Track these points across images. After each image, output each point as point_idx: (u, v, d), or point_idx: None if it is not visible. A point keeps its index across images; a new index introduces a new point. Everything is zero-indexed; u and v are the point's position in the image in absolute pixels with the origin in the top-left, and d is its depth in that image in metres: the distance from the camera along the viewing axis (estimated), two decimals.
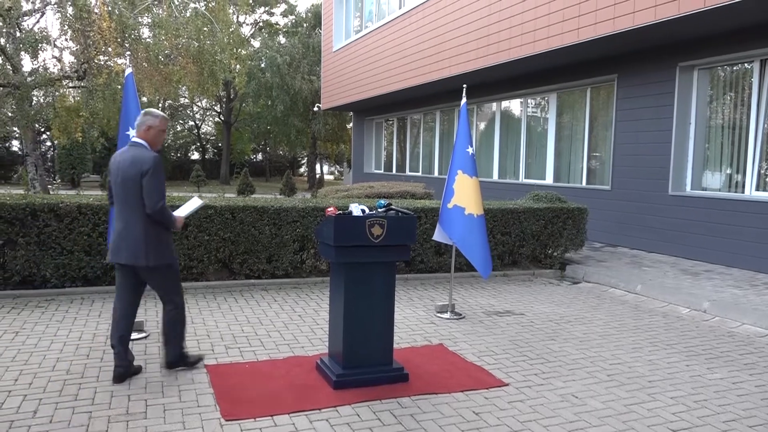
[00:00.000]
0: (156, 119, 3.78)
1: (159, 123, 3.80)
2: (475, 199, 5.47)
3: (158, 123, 3.79)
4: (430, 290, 6.80)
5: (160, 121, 3.79)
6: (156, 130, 3.80)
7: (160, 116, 3.80)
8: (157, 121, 3.79)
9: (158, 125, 3.80)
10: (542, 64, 10.74)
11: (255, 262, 6.56)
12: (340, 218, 3.72)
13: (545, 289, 7.14)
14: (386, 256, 3.82)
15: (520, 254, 7.92)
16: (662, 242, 9.12)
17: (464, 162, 5.56)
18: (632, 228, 9.62)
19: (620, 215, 9.83)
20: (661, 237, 9.13)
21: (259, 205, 6.58)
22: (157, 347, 4.44)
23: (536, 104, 12.58)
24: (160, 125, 3.80)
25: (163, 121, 3.81)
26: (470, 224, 5.40)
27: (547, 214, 7.91)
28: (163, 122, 3.81)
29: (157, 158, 3.68)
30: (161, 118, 3.81)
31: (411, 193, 10.45)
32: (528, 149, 12.39)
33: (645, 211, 9.39)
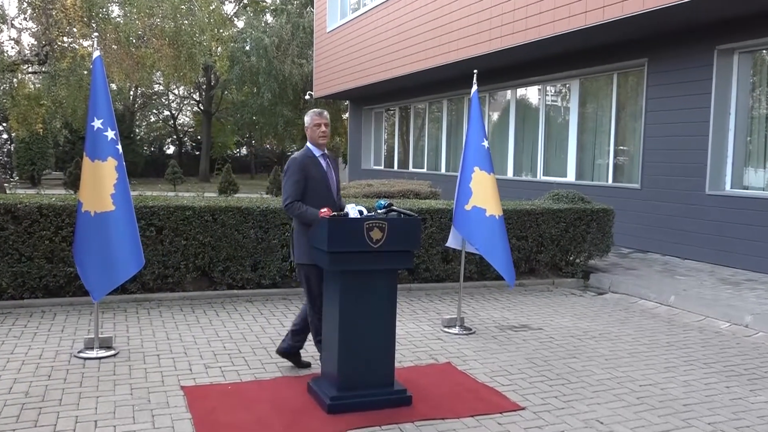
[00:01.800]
0: (307, 117, 4.34)
1: (308, 120, 4.32)
2: (495, 199, 5.48)
3: (307, 120, 4.33)
4: (436, 302, 6.81)
5: (310, 118, 4.32)
6: (308, 128, 4.31)
7: (310, 113, 4.34)
8: (307, 119, 4.34)
9: (308, 122, 4.32)
10: (563, 47, 10.76)
11: (238, 270, 6.56)
12: (334, 221, 3.73)
13: (566, 300, 7.14)
14: (387, 263, 3.82)
15: (538, 261, 7.93)
16: (698, 247, 9.13)
17: (480, 157, 5.57)
18: (664, 231, 9.63)
19: (651, 217, 9.84)
20: (698, 242, 9.14)
21: (243, 205, 6.58)
22: (128, 366, 4.44)
23: (556, 92, 12.60)
24: (310, 121, 4.31)
25: (313, 116, 4.31)
26: (493, 227, 5.41)
27: (568, 216, 7.92)
28: (313, 117, 4.31)
29: (293, 158, 4.27)
30: (311, 115, 4.32)
31: (415, 192, 10.46)
32: (547, 143, 12.41)
33: (679, 213, 9.40)
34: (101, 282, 4.61)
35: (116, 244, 4.60)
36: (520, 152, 13.20)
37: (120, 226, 4.62)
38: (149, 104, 36.83)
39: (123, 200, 4.66)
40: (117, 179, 4.65)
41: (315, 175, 4.23)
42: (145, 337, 5.14)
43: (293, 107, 29.29)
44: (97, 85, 4.71)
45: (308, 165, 4.24)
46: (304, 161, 4.25)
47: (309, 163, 4.26)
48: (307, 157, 4.28)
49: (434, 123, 16.82)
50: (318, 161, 4.28)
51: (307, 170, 4.23)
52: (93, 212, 4.58)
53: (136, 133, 34.81)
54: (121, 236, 4.62)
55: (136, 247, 4.68)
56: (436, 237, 7.20)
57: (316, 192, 4.23)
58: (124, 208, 4.65)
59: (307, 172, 4.22)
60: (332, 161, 4.40)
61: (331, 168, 4.34)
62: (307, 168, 4.23)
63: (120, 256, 4.61)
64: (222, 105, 35.78)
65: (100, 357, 4.61)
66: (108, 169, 4.64)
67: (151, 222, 6.21)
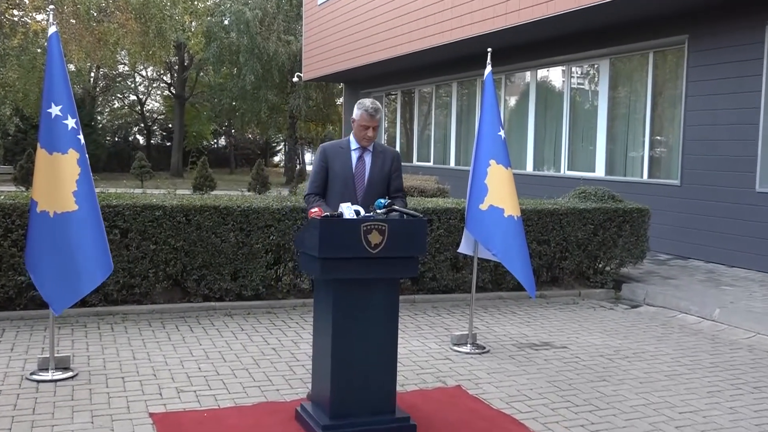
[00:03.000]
0: (356, 109, 4.34)
1: (357, 114, 4.33)
2: (513, 197, 5.50)
3: (356, 114, 4.34)
4: (444, 316, 6.81)
5: (359, 113, 4.32)
6: (354, 121, 4.35)
7: (361, 106, 4.31)
8: (356, 112, 4.34)
9: (356, 116, 4.34)
10: (591, 21, 10.78)
11: (216, 279, 6.57)
12: (326, 222, 3.73)
13: (595, 314, 7.14)
14: (387, 271, 3.83)
15: (562, 269, 7.93)
16: (747, 253, 9.14)
17: (496, 149, 5.58)
18: (708, 235, 9.64)
19: (692, 218, 9.85)
20: (746, 246, 9.15)
21: (221, 204, 6.59)
22: (88, 390, 4.45)
23: (583, 74, 12.61)
24: (359, 118, 4.32)
25: (363, 114, 4.28)
26: (511, 230, 5.42)
27: (597, 217, 7.93)
28: (363, 116, 4.28)
29: (321, 145, 4.44)
30: (361, 110, 4.30)
31: (420, 189, 10.48)
32: (572, 132, 12.43)
33: (725, 213, 9.41)
34: (63, 292, 4.59)
35: (80, 249, 4.58)
36: (541, 143, 13.21)
37: (85, 229, 4.60)
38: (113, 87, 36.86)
39: (87, 199, 4.65)
40: (80, 174, 4.64)
41: (337, 166, 4.33)
42: (108, 357, 5.14)
43: (279, 91, 29.30)
44: (54, 66, 4.71)
45: (334, 155, 4.36)
46: (330, 150, 4.39)
47: (336, 152, 4.37)
48: (337, 147, 4.40)
49: (442, 109, 16.83)
50: (348, 153, 4.37)
51: (329, 160, 4.35)
52: (52, 212, 4.57)
53: (97, 121, 34.88)
54: (86, 240, 4.60)
55: (104, 252, 4.68)
56: (444, 241, 7.20)
57: (333, 186, 4.35)
58: (88, 208, 4.64)
59: (329, 162, 4.35)
60: (379, 156, 4.42)
61: (368, 163, 4.37)
62: (331, 158, 4.36)
63: (85, 263, 4.59)
64: (197, 88, 35.78)
65: (56, 379, 4.60)
66: (69, 162, 4.63)
67: (114, 223, 6.21)
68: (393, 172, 4.49)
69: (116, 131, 38.72)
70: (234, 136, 40.78)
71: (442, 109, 16.78)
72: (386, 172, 4.44)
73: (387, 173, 4.45)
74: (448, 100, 16.30)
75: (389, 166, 4.46)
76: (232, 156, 40.46)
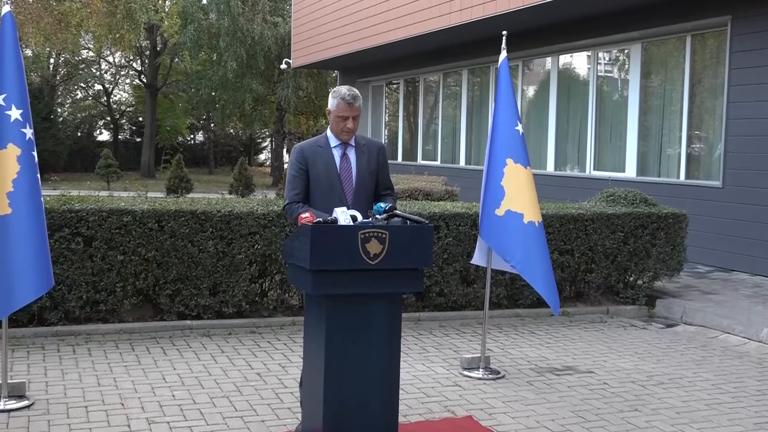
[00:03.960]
0: (331, 98, 4.30)
1: (332, 104, 4.28)
2: (533, 201, 5.49)
3: (331, 103, 4.29)
4: (453, 336, 6.80)
5: (335, 102, 4.27)
6: (331, 113, 4.30)
7: (337, 95, 4.27)
8: (331, 102, 4.29)
9: (331, 106, 4.29)
10: (620, 1, 10.79)
11: (193, 294, 6.56)
12: (319, 229, 3.73)
13: (625, 334, 7.13)
14: (388, 285, 3.83)
15: (588, 283, 7.92)
16: None
17: (513, 146, 5.58)
18: (754, 244, 9.63)
19: (737, 225, 9.84)
20: None
21: (199, 209, 6.59)
22: (46, 421, 4.43)
23: (611, 60, 12.62)
24: (335, 107, 4.26)
25: (340, 102, 4.24)
26: (532, 238, 5.42)
27: (627, 224, 7.92)
28: (339, 105, 4.24)
29: (296, 146, 4.38)
30: (337, 98, 4.25)
31: (425, 192, 10.49)
32: (599, 126, 12.43)
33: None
34: None
35: (13, 259, 4.54)
36: (563, 139, 13.22)
37: (19, 236, 4.56)
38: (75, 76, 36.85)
39: (27, 201, 4.60)
40: (19, 173, 4.59)
41: (319, 168, 4.27)
42: (69, 383, 5.12)
43: (265, 79, 29.33)
44: (5, 49, 4.70)
45: (313, 155, 4.30)
46: (307, 149, 4.33)
47: (315, 152, 4.31)
48: (315, 146, 4.35)
49: (450, 100, 16.83)
50: (329, 151, 4.31)
51: (309, 162, 4.29)
52: None
53: (57, 114, 34.88)
54: (20, 248, 4.55)
55: (42, 265, 4.63)
56: (453, 251, 7.20)
57: (316, 191, 4.28)
58: (26, 212, 4.59)
59: (308, 165, 4.29)
60: (364, 151, 4.37)
61: (353, 160, 4.33)
62: (311, 159, 4.29)
63: (18, 275, 4.55)
64: (171, 77, 35.79)
65: (10, 409, 4.59)
66: (6, 159, 4.59)
67: (77, 231, 6.20)
68: (380, 167, 4.45)
69: (79, 125, 38.70)
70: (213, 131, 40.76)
71: (451, 101, 16.79)
72: (374, 167, 4.39)
73: (375, 169, 4.40)
74: (458, 90, 16.31)
75: (376, 161, 4.41)
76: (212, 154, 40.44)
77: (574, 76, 13.28)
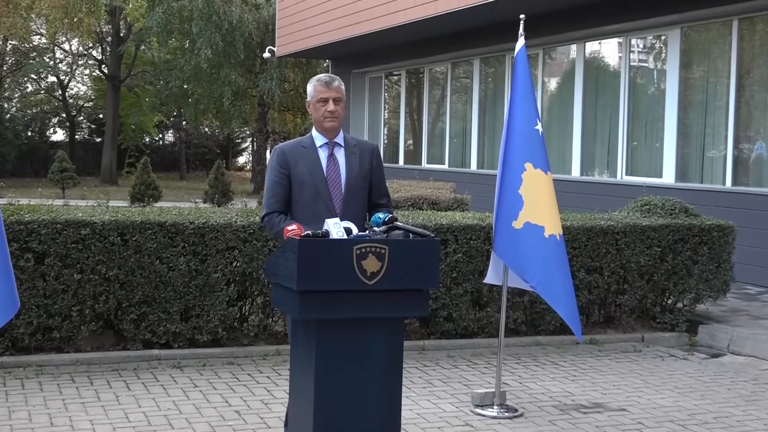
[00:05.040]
0: (309, 86, 4.39)
1: (310, 91, 4.37)
2: (554, 211, 5.50)
3: (309, 91, 4.38)
4: (463, 367, 6.79)
5: (312, 88, 4.37)
6: (310, 104, 4.38)
7: (313, 81, 4.38)
8: (309, 89, 4.39)
9: (310, 94, 4.38)
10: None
11: (161, 319, 6.55)
12: (308, 244, 3.73)
13: (663, 366, 7.12)
14: (388, 308, 3.83)
15: (620, 306, 7.91)
16: None
17: (532, 148, 5.59)
18: None
19: None
20: None
21: (168, 220, 6.59)
22: None
23: (646, 48, 12.65)
24: (312, 93, 4.35)
25: (317, 85, 4.34)
26: (553, 253, 5.43)
27: (665, 237, 7.93)
28: (317, 87, 4.33)
29: (275, 148, 4.44)
30: (313, 83, 4.36)
31: (431, 200, 10.48)
32: (632, 124, 12.44)
33: None
34: None
35: None
36: (590, 139, 13.23)
37: None
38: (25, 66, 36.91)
39: None
40: None
41: (302, 171, 4.27)
42: (17, 423, 5.10)
43: (245, 70, 29.40)
44: None
45: (295, 157, 4.30)
46: (289, 151, 4.33)
47: (298, 154, 4.31)
48: (298, 147, 4.36)
49: (460, 95, 16.87)
50: (314, 152, 4.31)
51: (290, 165, 4.29)
52: None
53: (4, 110, 34.91)
54: None
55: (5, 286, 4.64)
56: (463, 268, 7.20)
57: (299, 198, 4.28)
58: None
59: (290, 168, 4.28)
60: (354, 151, 4.38)
61: (342, 162, 4.33)
62: (293, 161, 4.29)
63: None
64: (136, 67, 35.88)
65: None
66: None
67: (27, 246, 6.20)
68: (374, 170, 4.45)
69: (29, 123, 38.73)
70: (185, 129, 40.81)
71: (461, 94, 16.82)
72: (366, 171, 4.40)
73: (367, 172, 4.40)
74: (469, 83, 16.34)
75: (368, 163, 4.42)
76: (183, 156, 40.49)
77: (603, 66, 13.31)
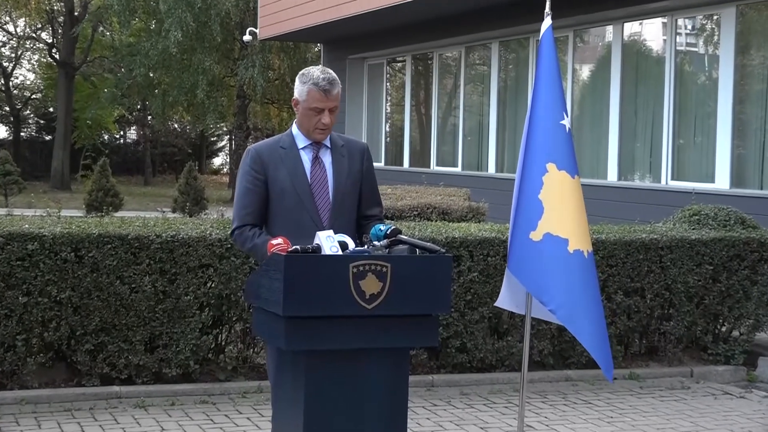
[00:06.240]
0: (299, 84, 4.34)
1: (302, 91, 4.31)
2: (582, 222, 5.48)
3: (300, 91, 4.32)
4: (479, 407, 6.77)
5: (305, 89, 4.29)
6: (299, 104, 4.34)
7: (305, 78, 4.30)
8: (300, 88, 4.32)
9: (300, 95, 4.32)
10: None
11: (122, 349, 6.54)
12: (296, 261, 3.74)
13: (716, 405, 7.10)
14: (390, 337, 3.82)
15: (664, 334, 7.90)
16: None
17: (556, 146, 5.57)
18: None
19: None
20: None
21: (130, 233, 6.59)
22: None
23: (695, 29, 12.65)
24: (305, 95, 4.29)
25: (311, 89, 4.26)
26: (578, 272, 5.40)
27: (718, 253, 7.92)
28: (311, 91, 4.26)
29: (248, 149, 4.44)
30: (308, 84, 4.28)
31: (442, 210, 10.46)
32: (678, 120, 12.43)
33: None
34: None
35: None
36: (629, 137, 13.22)
37: None
38: None
39: None
40: None
41: (282, 176, 4.26)
42: None
43: (222, 56, 29.46)
44: None
45: (274, 160, 4.29)
46: (266, 152, 4.31)
47: (277, 156, 4.30)
48: (276, 147, 4.34)
49: (475, 84, 16.87)
50: (295, 154, 4.31)
51: (268, 168, 4.27)
52: None
53: None
54: None
55: None
56: (479, 290, 7.20)
57: (278, 209, 4.27)
58: None
59: (267, 172, 4.27)
60: (343, 153, 4.38)
61: (329, 165, 4.33)
62: (271, 164, 4.27)
63: None
64: (93, 52, 35.92)
65: None
66: None
67: None
68: (365, 175, 4.44)
69: None
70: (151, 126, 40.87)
71: (476, 84, 16.83)
72: (356, 176, 4.39)
73: (357, 178, 4.40)
74: (486, 71, 16.34)
75: (359, 167, 4.42)
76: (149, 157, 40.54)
77: (645, 51, 13.31)
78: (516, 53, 15.71)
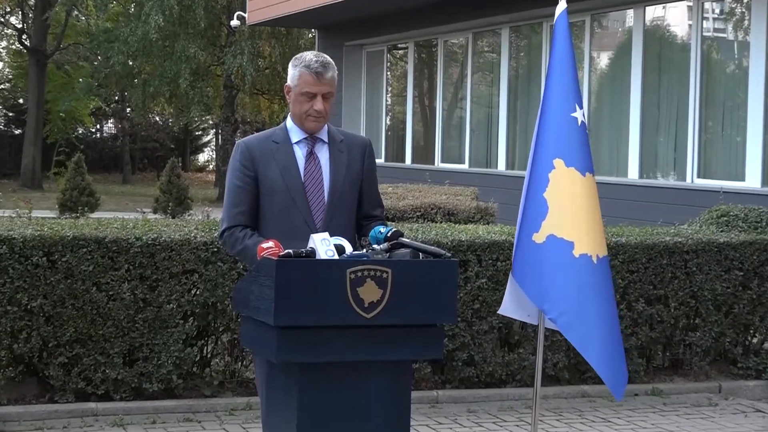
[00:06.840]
0: (292, 68, 4.34)
1: (294, 76, 4.31)
2: (591, 224, 5.46)
3: (292, 76, 4.32)
4: (488, 425, 6.79)
5: (297, 73, 4.29)
6: (291, 91, 4.34)
7: (298, 62, 4.32)
8: (292, 73, 4.32)
9: (292, 80, 4.32)
10: None
11: (99, 362, 6.55)
12: (288, 266, 3.73)
13: (746, 423, 7.11)
14: (391, 349, 3.82)
15: (690, 346, 7.91)
16: None
17: (566, 140, 5.56)
18: None
19: None
20: None
21: (108, 236, 6.59)
22: None
23: (724, 13, 12.66)
24: (297, 80, 4.29)
25: (303, 72, 4.26)
26: (584, 279, 5.39)
27: (748, 258, 7.93)
28: (303, 75, 4.26)
29: (238, 144, 4.45)
30: (299, 67, 4.29)
31: (447, 210, 10.48)
32: (705, 113, 12.44)
33: None
34: None
35: None
36: (652, 132, 13.22)
37: None
38: None
39: None
40: None
41: (274, 173, 4.26)
42: None
43: (208, 43, 29.50)
44: None
45: (265, 155, 4.28)
46: (256, 147, 4.31)
47: (268, 151, 4.29)
48: (268, 142, 4.34)
49: (483, 74, 16.90)
50: (288, 149, 4.30)
51: (258, 165, 4.26)
52: None
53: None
54: None
55: None
56: (488, 298, 7.20)
57: (269, 208, 4.26)
58: None
59: (258, 169, 4.26)
60: (341, 148, 4.37)
61: (325, 163, 4.32)
62: (261, 160, 4.27)
63: None
64: (67, 38, 35.95)
65: None
66: None
67: None
68: (365, 173, 4.43)
69: None
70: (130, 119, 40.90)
71: (484, 74, 16.86)
72: (355, 174, 4.38)
73: (357, 176, 4.38)
74: (495, 59, 16.37)
75: (360, 165, 4.40)
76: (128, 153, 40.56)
77: (668, 37, 13.32)
78: (528, 39, 15.73)
